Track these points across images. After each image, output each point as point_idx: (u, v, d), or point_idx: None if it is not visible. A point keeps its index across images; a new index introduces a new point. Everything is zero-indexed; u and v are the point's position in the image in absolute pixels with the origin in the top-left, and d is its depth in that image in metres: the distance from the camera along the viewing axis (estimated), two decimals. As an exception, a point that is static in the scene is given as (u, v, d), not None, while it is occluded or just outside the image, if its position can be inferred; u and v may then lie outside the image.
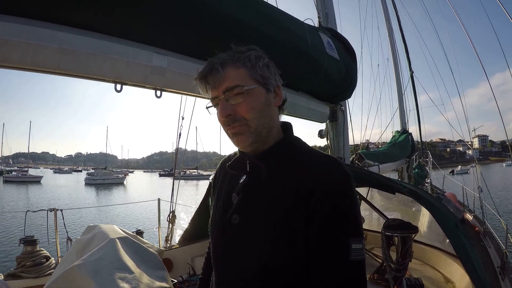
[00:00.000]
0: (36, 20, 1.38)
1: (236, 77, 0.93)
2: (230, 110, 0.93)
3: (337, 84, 2.97)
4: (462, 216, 4.66)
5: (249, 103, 0.94)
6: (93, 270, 1.69)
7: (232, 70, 0.94)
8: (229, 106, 0.93)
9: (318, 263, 0.85)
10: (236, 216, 0.98)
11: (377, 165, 4.99)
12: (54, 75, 1.58)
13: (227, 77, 0.93)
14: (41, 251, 3.09)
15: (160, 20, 1.67)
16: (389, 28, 10.32)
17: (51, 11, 1.41)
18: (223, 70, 0.93)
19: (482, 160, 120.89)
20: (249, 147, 0.97)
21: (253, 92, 0.94)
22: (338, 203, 0.85)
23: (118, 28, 1.61)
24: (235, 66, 0.94)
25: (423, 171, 8.61)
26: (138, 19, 1.62)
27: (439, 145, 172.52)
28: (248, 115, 0.94)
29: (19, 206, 25.35)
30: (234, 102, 0.93)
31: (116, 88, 1.74)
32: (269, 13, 2.22)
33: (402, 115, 9.36)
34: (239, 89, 0.92)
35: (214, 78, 0.93)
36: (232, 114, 0.93)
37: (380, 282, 3.08)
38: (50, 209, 4.14)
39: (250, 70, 0.95)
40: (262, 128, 0.96)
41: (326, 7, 3.53)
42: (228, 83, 0.93)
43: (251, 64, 0.95)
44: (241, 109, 0.93)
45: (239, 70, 0.94)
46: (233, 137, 0.97)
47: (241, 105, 0.93)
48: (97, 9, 1.49)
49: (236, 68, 0.94)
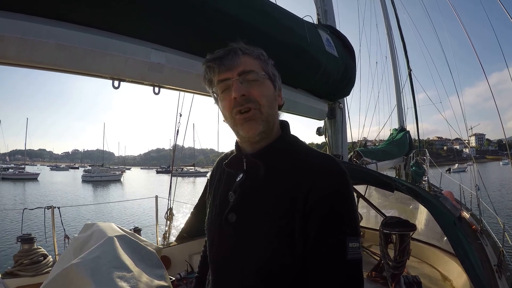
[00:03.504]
0: (33, 16, 1.38)
1: (252, 64, 0.98)
2: (245, 90, 0.94)
3: (336, 81, 2.97)
4: (459, 214, 4.67)
5: (263, 89, 0.97)
6: (91, 269, 1.68)
7: (249, 58, 0.98)
8: (243, 87, 0.94)
9: (315, 262, 0.86)
10: (233, 214, 0.98)
11: (375, 163, 5.00)
12: (52, 71, 1.57)
13: (244, 62, 0.96)
14: (38, 249, 3.08)
15: (158, 17, 1.66)
16: (387, 26, 10.33)
17: (49, 7, 1.40)
18: (242, 56, 0.97)
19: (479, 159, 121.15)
20: (258, 136, 0.97)
21: (266, 82, 0.99)
22: (334, 202, 0.86)
23: (116, 24, 1.61)
24: (252, 56, 0.99)
25: (421, 169, 8.63)
26: (136, 15, 1.61)
27: (436, 143, 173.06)
28: (261, 100, 0.95)
29: (16, 203, 25.28)
30: (247, 86, 0.95)
31: (113, 85, 1.74)
32: (267, 10, 2.21)
33: (400, 113, 9.38)
34: (255, 74, 0.96)
35: (231, 61, 0.95)
36: (246, 95, 0.94)
37: (378, 280, 3.09)
38: (48, 207, 4.13)
39: (263, 63, 1.01)
40: (271, 118, 0.99)
41: (325, 4, 3.53)
42: (246, 66, 0.96)
43: (264, 59, 1.01)
44: (256, 93, 0.95)
45: (255, 60, 0.99)
46: (244, 123, 0.96)
47: (256, 88, 0.96)
48: (94, 5, 1.48)
49: (252, 58, 0.99)
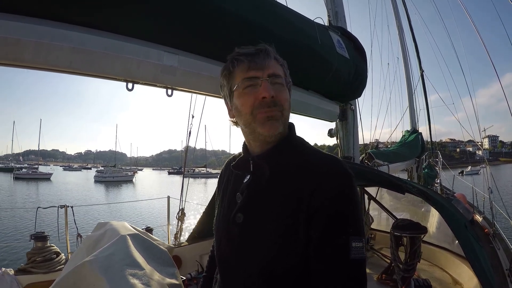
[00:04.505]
0: (48, 20, 1.40)
1: (279, 70, 1.03)
2: (274, 92, 0.98)
3: (347, 83, 2.96)
4: (471, 217, 4.62)
5: (286, 94, 1.03)
6: (104, 266, 1.70)
7: (276, 63, 1.03)
8: (272, 89, 0.98)
9: (318, 261, 0.87)
10: (240, 215, 1.01)
11: (387, 165, 4.95)
12: (66, 74, 1.60)
13: (274, 65, 1.02)
14: (51, 247, 3.13)
15: (171, 19, 1.68)
16: (399, 26, 10.26)
17: (63, 11, 1.43)
18: (272, 58, 1.02)
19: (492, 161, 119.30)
20: (278, 135, 1.01)
21: (285, 87, 1.03)
22: (338, 203, 0.87)
23: (129, 27, 1.63)
24: (278, 61, 1.05)
25: (433, 171, 8.55)
26: (149, 18, 1.63)
27: (449, 145, 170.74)
28: (285, 104, 1.01)
29: (29, 202, 25.64)
30: (276, 88, 0.99)
31: (127, 87, 1.76)
32: (279, 12, 2.22)
33: (412, 114, 9.30)
34: (282, 79, 1.02)
35: (263, 61, 1.00)
36: (274, 97, 0.98)
37: (388, 283, 3.07)
38: (61, 206, 4.19)
39: (285, 70, 1.07)
40: (287, 121, 1.04)
41: (336, 5, 3.52)
42: (275, 70, 1.01)
43: (286, 67, 1.08)
44: (281, 97, 1.00)
45: (278, 65, 1.04)
46: (265, 122, 0.99)
47: (282, 93, 1.01)
48: (108, 9, 1.50)
49: (278, 63, 1.04)
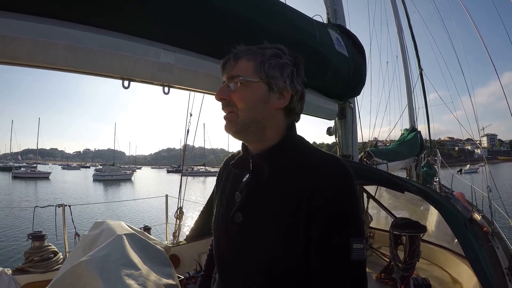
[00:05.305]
0: (44, 18, 1.39)
1: (241, 68, 1.00)
2: (225, 94, 1.00)
3: (346, 81, 2.95)
4: (470, 216, 4.62)
5: (243, 94, 0.99)
6: (100, 266, 1.69)
7: (243, 62, 1.00)
8: (226, 91, 1.00)
9: (318, 262, 0.86)
10: (239, 214, 1.00)
11: (386, 163, 4.95)
12: (63, 71, 1.59)
13: (236, 67, 1.00)
14: (49, 246, 3.11)
15: (168, 17, 1.66)
16: (398, 25, 10.25)
17: (59, 9, 1.42)
18: (236, 61, 1.00)
19: (490, 159, 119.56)
20: (234, 135, 1.03)
21: (251, 85, 0.99)
22: (339, 204, 0.86)
23: (126, 25, 1.62)
24: (247, 58, 1.00)
25: (432, 169, 8.56)
26: (146, 16, 1.62)
27: (447, 144, 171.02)
28: (239, 104, 0.99)
29: (27, 201, 25.62)
30: (232, 89, 0.99)
31: (123, 85, 1.75)
32: (277, 10, 2.20)
33: (411, 113, 9.30)
34: (236, 79, 0.99)
35: (228, 66, 1.01)
36: (226, 99, 1.00)
37: (387, 282, 3.06)
38: (59, 205, 4.17)
39: (258, 65, 0.99)
40: (250, 122, 0.99)
41: (335, 3, 3.51)
42: (233, 72, 1.00)
43: (261, 60, 0.99)
44: (235, 97, 0.99)
45: (248, 63, 1.00)
46: (225, 122, 1.03)
47: (236, 93, 0.99)
48: (105, 6, 1.49)
49: (247, 61, 1.00)
